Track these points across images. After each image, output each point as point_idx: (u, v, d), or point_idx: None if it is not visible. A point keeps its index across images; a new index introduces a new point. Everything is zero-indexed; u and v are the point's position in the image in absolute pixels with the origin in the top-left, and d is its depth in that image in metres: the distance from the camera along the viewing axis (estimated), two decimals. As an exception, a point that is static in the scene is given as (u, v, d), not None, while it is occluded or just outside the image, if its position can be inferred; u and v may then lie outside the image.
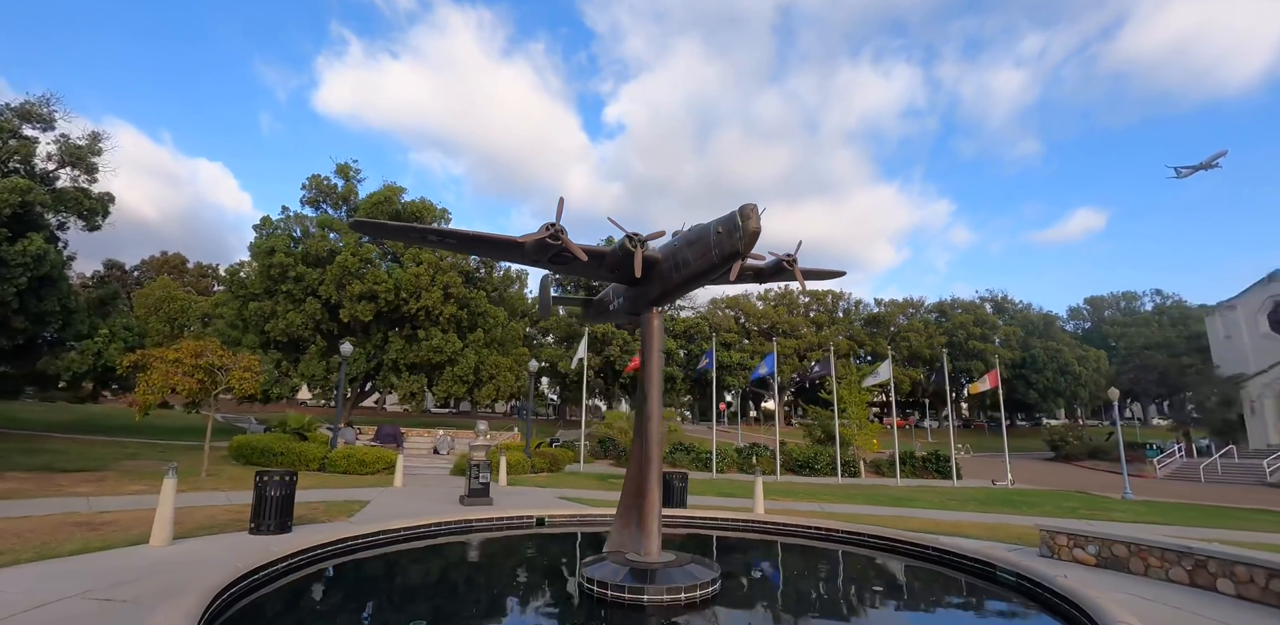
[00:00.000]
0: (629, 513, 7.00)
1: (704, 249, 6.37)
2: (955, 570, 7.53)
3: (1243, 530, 14.85)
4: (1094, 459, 37.11)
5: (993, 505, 19.03)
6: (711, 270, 6.54)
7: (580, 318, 12.10)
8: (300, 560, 6.33)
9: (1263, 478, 27.74)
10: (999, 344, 67.34)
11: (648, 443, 6.90)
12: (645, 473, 6.86)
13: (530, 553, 8.81)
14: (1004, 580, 6.89)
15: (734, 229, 6.05)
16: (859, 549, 8.80)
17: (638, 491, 6.90)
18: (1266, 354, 36.83)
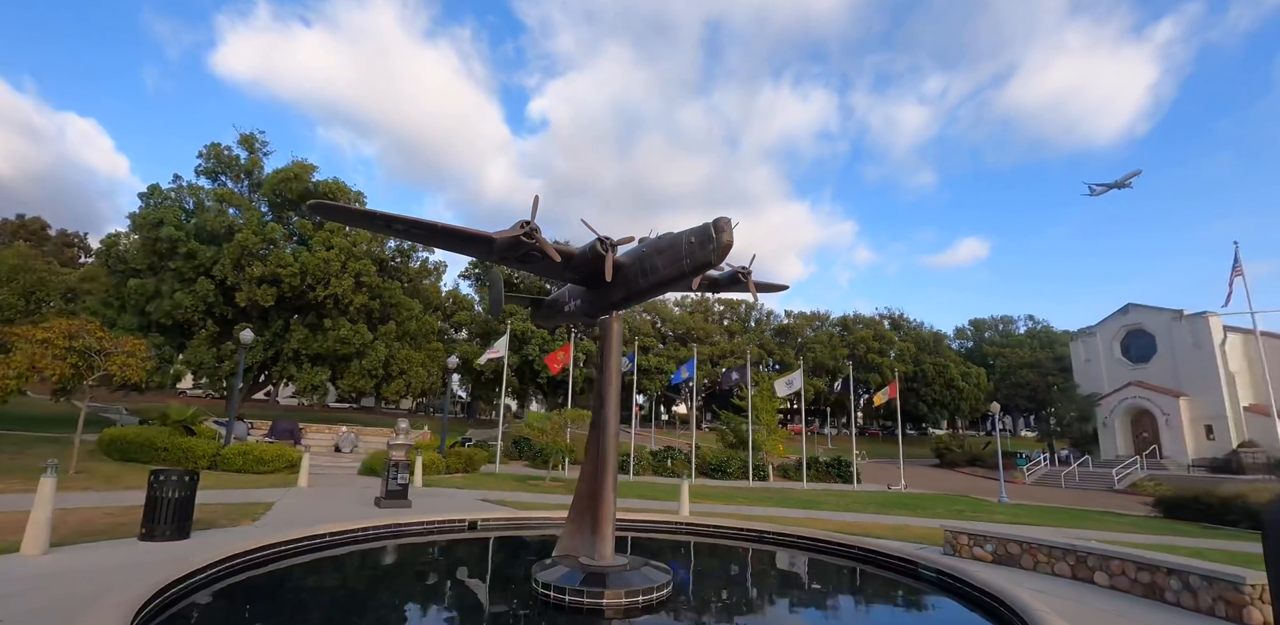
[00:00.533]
0: (582, 516, 6.88)
1: (675, 257, 6.43)
2: (881, 568, 7.97)
3: (1099, 530, 16.74)
4: (973, 466, 40.70)
5: (892, 508, 20.34)
6: (680, 278, 6.64)
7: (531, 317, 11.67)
8: (221, 570, 5.73)
9: (1111, 484, 31.53)
10: (894, 358, 72.29)
11: (604, 447, 6.82)
12: (601, 477, 6.77)
13: (471, 558, 8.45)
14: (925, 576, 7.39)
15: (707, 240, 6.17)
16: (792, 550, 9.12)
17: (592, 495, 6.80)
18: (1118, 376, 42.03)
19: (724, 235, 6.11)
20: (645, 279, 6.77)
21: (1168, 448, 36.40)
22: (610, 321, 7.34)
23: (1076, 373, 46.26)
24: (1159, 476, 31.16)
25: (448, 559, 8.19)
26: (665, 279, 6.66)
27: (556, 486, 20.38)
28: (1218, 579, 7.17)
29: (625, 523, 10.67)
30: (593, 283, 7.31)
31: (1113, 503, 26.51)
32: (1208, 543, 15.10)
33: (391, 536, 8.44)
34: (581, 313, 7.98)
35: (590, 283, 7.35)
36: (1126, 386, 40.34)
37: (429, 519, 9.24)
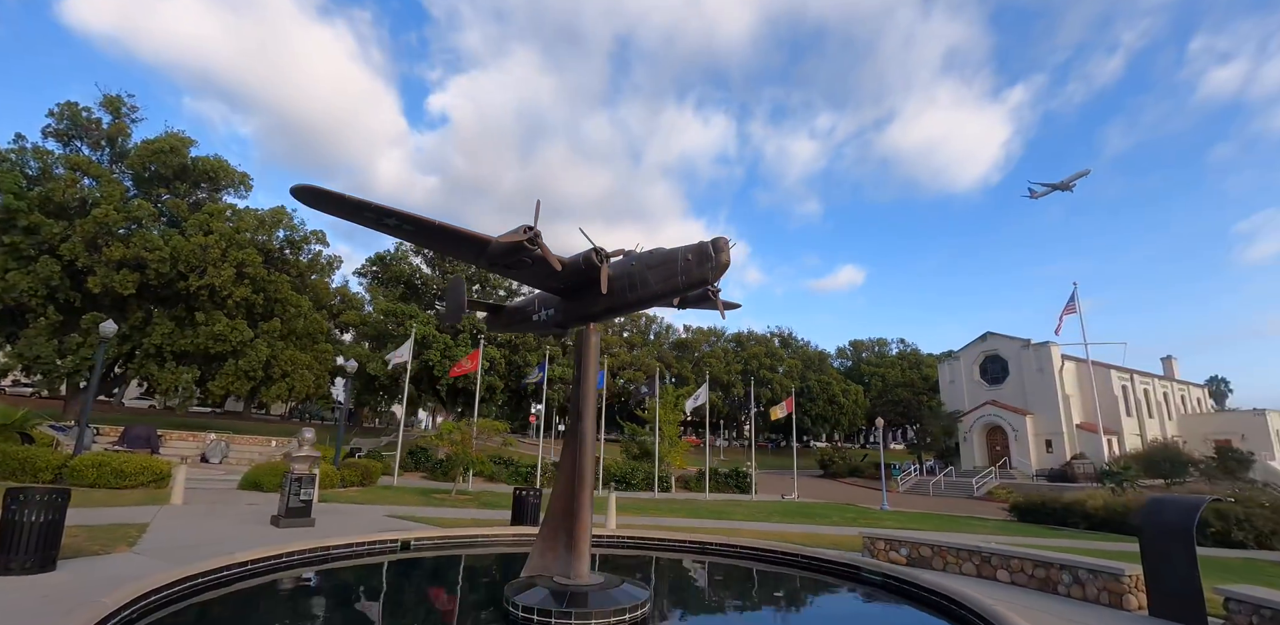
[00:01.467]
0: (556, 534, 6.58)
1: (669, 273, 6.41)
2: (828, 574, 8.29)
3: (970, 532, 18.47)
4: (853, 476, 43.70)
5: (794, 516, 21.27)
6: (672, 294, 6.65)
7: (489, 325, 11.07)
8: (134, 612, 4.83)
9: (971, 492, 35.14)
10: (783, 374, 76.30)
11: (581, 463, 6.61)
12: (579, 493, 6.53)
13: (420, 581, 7.78)
14: (869, 579, 7.79)
15: (706, 259, 6.21)
16: (740, 560, 9.25)
17: (568, 512, 6.52)
18: (977, 396, 47.18)
19: (723, 255, 6.19)
20: (634, 293, 6.69)
21: (1016, 459, 41.27)
22: (588, 334, 7.17)
23: (943, 392, 51.26)
24: (1010, 485, 35.18)
25: (395, 583, 7.49)
26: (656, 294, 6.64)
27: (465, 500, 19.35)
28: (1101, 572, 8.16)
29: (513, 537, 10.37)
30: (574, 293, 7.10)
31: (974, 508, 29.48)
32: (1057, 542, 17.12)
33: (319, 561, 7.59)
34: (553, 323, 7.72)
35: (571, 293, 7.13)
36: (984, 405, 45.34)
37: (357, 540, 8.42)
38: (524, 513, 13.12)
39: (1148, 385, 47.63)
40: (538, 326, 8.08)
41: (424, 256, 44.45)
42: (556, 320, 7.63)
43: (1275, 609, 6.43)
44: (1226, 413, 46.94)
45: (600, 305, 7.00)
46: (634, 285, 6.71)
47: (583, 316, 7.30)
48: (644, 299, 6.81)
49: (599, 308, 7.04)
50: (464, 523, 13.09)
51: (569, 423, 7.20)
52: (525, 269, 6.50)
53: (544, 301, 7.83)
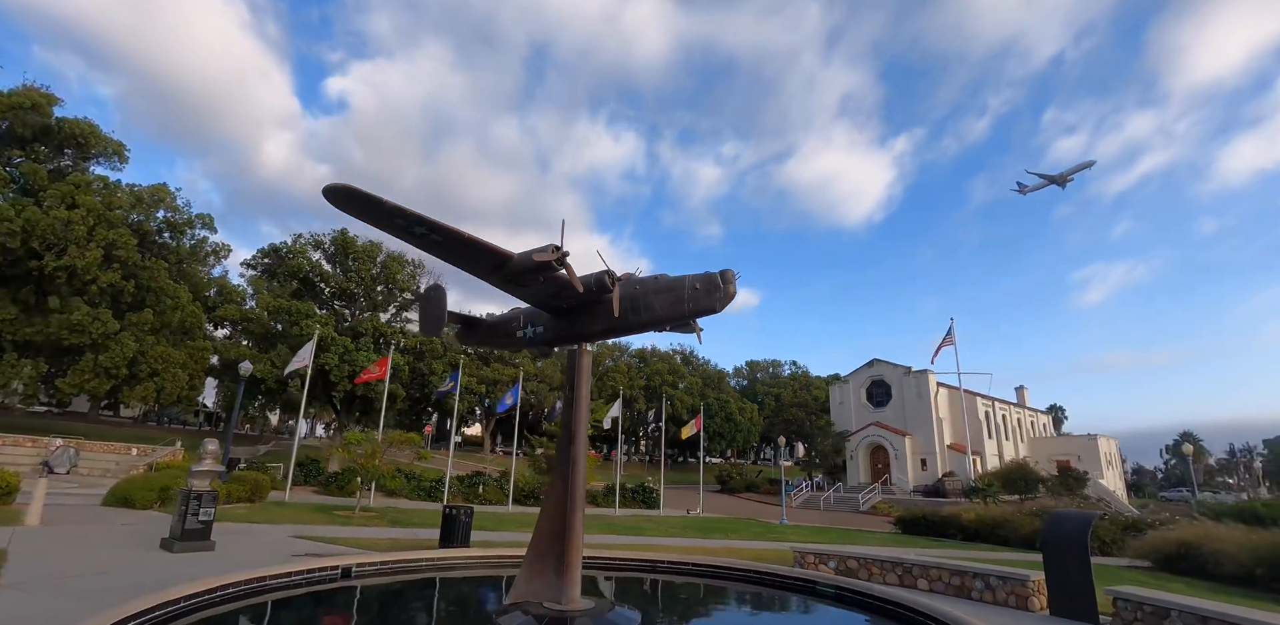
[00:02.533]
0: (545, 558, 6.38)
1: (675, 299, 6.53)
2: (785, 589, 8.60)
3: (866, 545, 19.75)
4: (750, 492, 45.42)
5: (706, 532, 21.74)
6: (675, 319, 6.77)
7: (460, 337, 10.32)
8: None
9: (858, 507, 37.65)
10: (683, 390, 78.11)
11: (574, 485, 6.48)
12: (571, 515, 6.38)
13: (388, 613, 7.17)
14: (824, 592, 8.19)
15: (714, 289, 6.40)
16: (697, 578, 9.36)
17: (558, 535, 6.35)
18: (863, 417, 50.88)
19: (730, 286, 6.40)
20: (636, 316, 6.73)
21: (895, 476, 44.80)
22: (580, 354, 7.07)
23: (833, 413, 54.75)
24: (890, 500, 38.08)
25: (363, 617, 6.86)
26: (660, 318, 6.73)
27: (371, 518, 18.04)
28: (1010, 578, 9.17)
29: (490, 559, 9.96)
30: (571, 313, 6.99)
31: (862, 522, 31.58)
32: (941, 551, 18.67)
33: (256, 593, 6.84)
34: (540, 341, 7.53)
35: (568, 312, 7.01)
36: (869, 426, 48.96)
37: (295, 568, 7.65)
38: (454, 533, 12.45)
39: (1005, 411, 53.70)
40: (521, 343, 7.84)
41: (324, 251, 41.27)
42: (545, 338, 7.47)
43: (1155, 605, 7.49)
44: (1065, 437, 53.86)
45: (600, 326, 6.97)
46: (637, 309, 6.75)
47: (576, 336, 7.22)
48: (646, 323, 6.87)
49: (598, 328, 7.02)
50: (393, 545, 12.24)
51: (559, 444, 7.02)
52: (535, 286, 6.36)
53: (531, 318, 7.64)
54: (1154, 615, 7.47)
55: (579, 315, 7.06)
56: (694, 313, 6.69)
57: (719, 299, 6.44)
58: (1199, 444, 51.04)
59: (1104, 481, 43.10)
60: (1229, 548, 14.66)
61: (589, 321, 7.02)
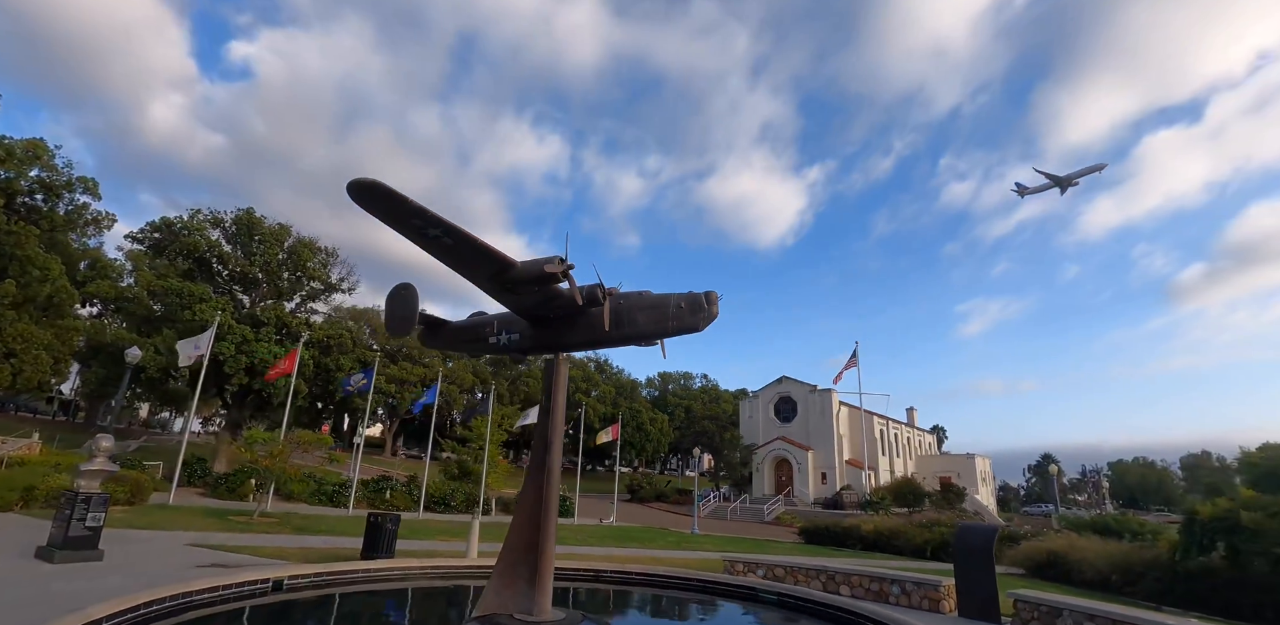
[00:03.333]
0: (515, 569, 6.28)
1: (660, 317, 6.71)
2: (728, 597, 8.91)
3: (776, 554, 20.55)
4: (660, 501, 46.01)
5: (624, 540, 21.89)
6: (657, 336, 6.95)
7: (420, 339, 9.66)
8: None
9: (762, 517, 39.15)
10: (595, 398, 78.08)
11: (548, 494, 6.44)
12: (544, 525, 6.34)
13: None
14: (767, 599, 8.57)
15: (698, 309, 6.64)
16: (643, 587, 9.47)
17: (531, 546, 6.28)
18: (770, 432, 53.09)
19: (714, 307, 6.66)
20: (620, 330, 6.81)
21: (798, 489, 47.00)
22: (558, 364, 7.07)
23: (742, 426, 56.73)
24: (793, 511, 39.91)
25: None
26: (643, 334, 6.86)
27: (273, 524, 16.75)
28: (923, 584, 10.00)
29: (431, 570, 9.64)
30: (554, 323, 6.97)
31: (769, 532, 32.88)
32: (845, 560, 19.85)
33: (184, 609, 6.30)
34: (514, 348, 7.43)
35: (550, 323, 6.99)
36: (775, 440, 51.14)
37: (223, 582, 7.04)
38: (379, 542, 11.78)
39: (897, 430, 57.86)
40: (492, 349, 7.71)
41: (225, 230, 37.89)
42: (521, 346, 7.39)
43: (1049, 605, 8.46)
44: (947, 456, 58.78)
45: (582, 338, 7.00)
46: (621, 323, 6.84)
47: (555, 346, 7.21)
48: (629, 337, 6.98)
49: (579, 340, 7.05)
50: (310, 555, 11.48)
51: (534, 453, 6.93)
52: (528, 295, 6.33)
53: (506, 324, 7.52)
54: (1048, 614, 8.42)
55: (561, 325, 7.06)
56: (676, 330, 6.87)
57: (703, 319, 6.66)
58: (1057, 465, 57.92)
59: (979, 497, 47.45)
60: (1089, 556, 16.60)
61: (571, 332, 7.03)
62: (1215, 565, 13.66)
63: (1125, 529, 21.26)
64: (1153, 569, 14.72)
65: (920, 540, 22.93)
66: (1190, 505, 15.65)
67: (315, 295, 41.54)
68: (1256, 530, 12.57)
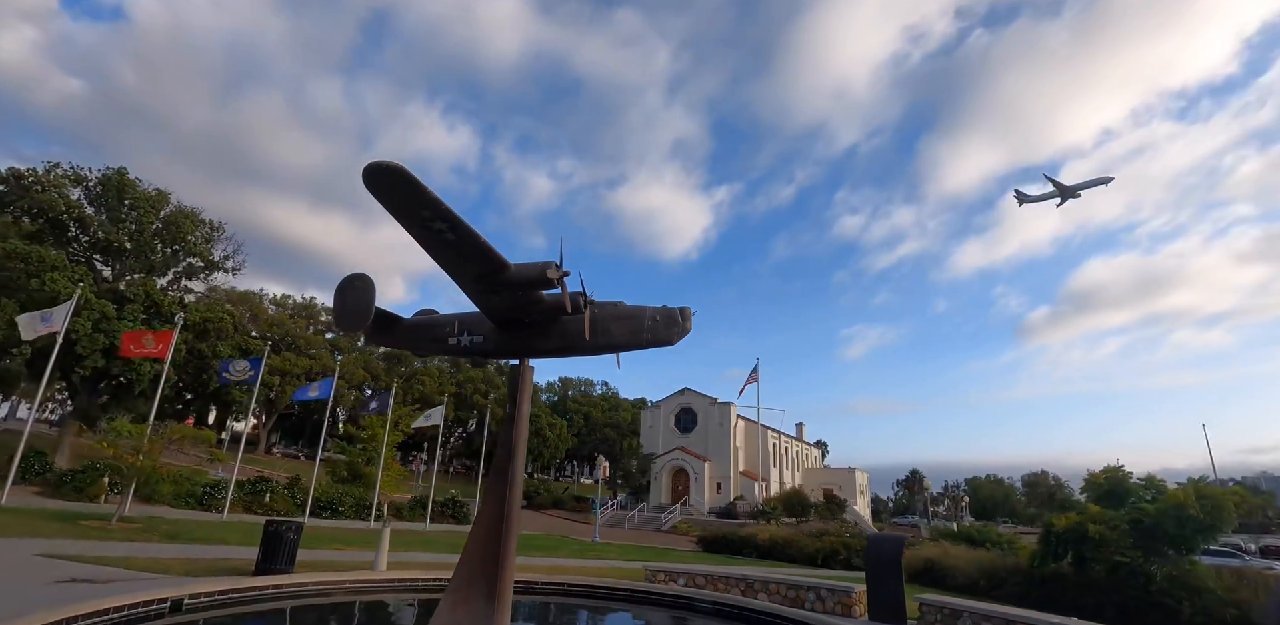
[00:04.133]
0: (473, 583, 6.07)
1: (635, 328, 6.78)
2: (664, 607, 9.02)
3: (680, 562, 20.74)
4: (556, 508, 45.39)
5: (529, 549, 21.46)
6: (630, 347, 7.02)
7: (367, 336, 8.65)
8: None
9: (660, 526, 39.68)
10: (493, 401, 76.07)
11: (511, 505, 6.27)
12: (506, 536, 6.19)
13: None
14: (702, 608, 8.76)
15: (673, 323, 6.79)
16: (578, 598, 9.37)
17: (492, 559, 6.10)
18: (670, 442, 54.12)
19: (688, 323, 6.83)
20: (594, 340, 6.79)
21: (694, 498, 48.14)
22: (524, 369, 6.94)
23: (642, 435, 57.41)
24: (689, 520, 40.81)
25: None
26: (617, 345, 6.88)
27: (139, 531, 14.89)
28: (837, 590, 10.69)
29: (351, 585, 9.05)
30: (524, 328, 6.82)
31: (667, 540, 33.38)
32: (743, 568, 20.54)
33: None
34: (476, 351, 7.16)
35: (520, 327, 6.82)
36: (674, 450, 52.19)
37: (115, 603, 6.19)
38: (279, 552, 10.71)
39: (788, 444, 60.97)
40: (450, 351, 7.40)
41: (88, 190, 33.20)
42: (484, 349, 7.16)
43: (951, 608, 9.30)
44: (830, 469, 62.68)
45: (552, 344, 6.91)
46: (595, 332, 6.81)
47: (523, 351, 7.06)
48: (603, 347, 6.95)
49: (550, 347, 6.94)
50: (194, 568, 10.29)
51: (497, 461, 6.69)
52: (510, 299, 6.17)
53: (469, 325, 7.23)
54: (950, 616, 9.24)
55: (532, 331, 6.90)
56: (650, 343, 6.93)
57: (676, 333, 6.78)
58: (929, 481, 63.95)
59: (858, 508, 50.99)
60: (960, 564, 18.33)
61: (541, 338, 6.91)
62: (1064, 571, 15.55)
63: (987, 539, 23.69)
64: (1014, 574, 16.51)
65: (812, 549, 24.21)
66: (1048, 519, 17.70)
67: (193, 272, 37.45)
68: (1100, 540, 14.48)
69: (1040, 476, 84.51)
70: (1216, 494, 14.38)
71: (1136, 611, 12.97)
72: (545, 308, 6.46)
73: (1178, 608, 12.36)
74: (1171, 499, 14.20)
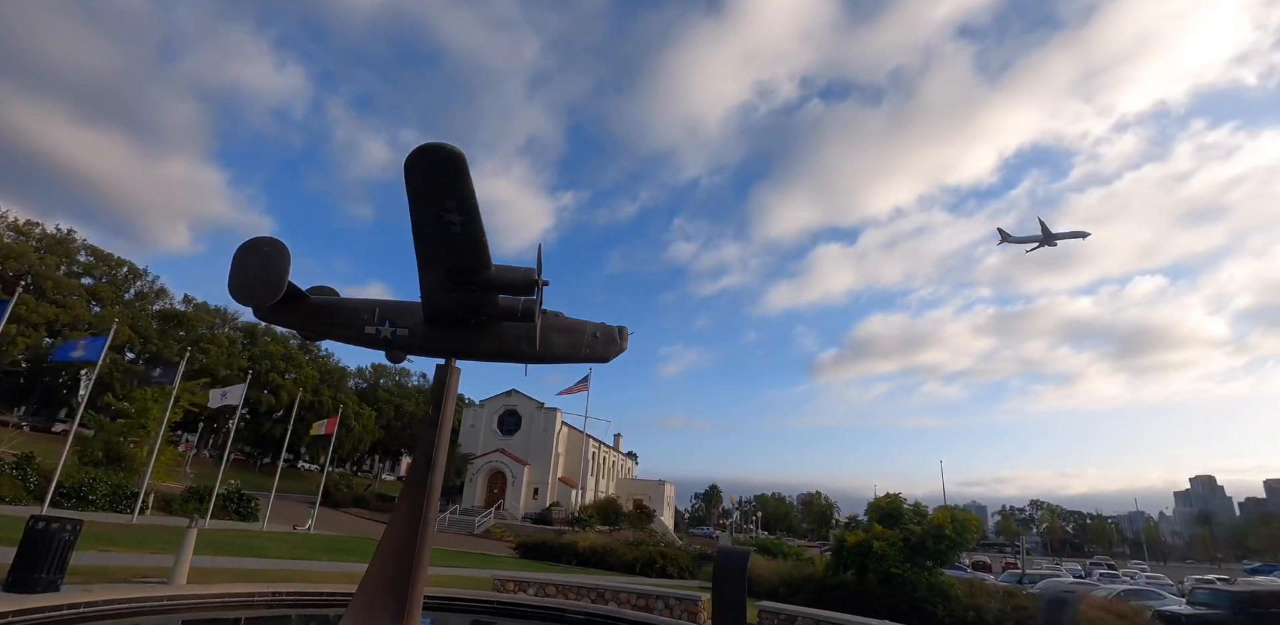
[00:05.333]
0: (382, 602, 5.75)
1: (575, 343, 7.00)
2: (536, 619, 9.00)
3: (502, 569, 20.41)
4: (358, 506, 41.70)
5: (343, 554, 19.59)
6: (567, 360, 7.22)
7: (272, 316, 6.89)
8: None
9: (473, 530, 38.27)
10: (292, 381, 68.16)
11: (426, 518, 6.01)
12: (419, 551, 5.97)
13: None
14: (574, 619, 8.93)
15: (611, 342, 7.13)
16: (445, 612, 8.97)
17: (403, 578, 5.81)
18: (491, 443, 52.65)
19: (625, 342, 7.19)
20: (532, 348, 6.79)
21: (509, 502, 47.20)
22: (450, 370, 6.71)
23: (462, 434, 55.23)
24: (503, 524, 40.02)
25: None
26: (555, 356, 7.01)
27: None
28: (685, 599, 11.53)
29: (99, 608, 7.47)
30: (460, 327, 6.59)
31: (482, 546, 32.41)
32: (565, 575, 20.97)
33: None
34: (398, 344, 6.70)
35: (455, 326, 6.57)
36: (494, 452, 50.93)
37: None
38: (46, 560, 7.97)
39: (606, 453, 62.50)
40: (365, 341, 6.79)
41: None
42: (408, 344, 6.72)
43: (786, 614, 10.52)
44: (641, 480, 65.24)
45: (488, 347, 6.77)
46: (533, 341, 6.82)
47: (452, 351, 6.79)
48: (540, 356, 6.96)
49: (484, 349, 6.79)
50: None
51: (413, 471, 6.29)
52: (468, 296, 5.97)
53: (392, 314, 6.72)
54: (786, 621, 10.43)
55: (466, 331, 6.65)
56: (588, 358, 7.10)
57: (614, 351, 7.06)
58: (735, 496, 70.18)
59: (664, 518, 53.81)
60: (764, 573, 20.44)
61: (478, 339, 6.72)
62: (848, 581, 18.13)
63: (780, 551, 26.61)
64: (808, 582, 18.83)
65: (630, 557, 25.21)
66: (840, 535, 20.47)
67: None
68: (881, 554, 17.14)
69: (814, 496, 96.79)
70: (965, 518, 17.85)
71: (904, 614, 15.58)
72: (498, 310, 6.31)
73: (934, 611, 15.10)
74: (935, 520, 17.31)
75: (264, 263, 6.08)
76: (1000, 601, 14.67)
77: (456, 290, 5.78)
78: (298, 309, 6.65)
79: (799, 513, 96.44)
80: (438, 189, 4.31)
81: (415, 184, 4.21)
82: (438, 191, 4.35)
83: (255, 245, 6.11)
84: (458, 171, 4.13)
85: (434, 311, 6.43)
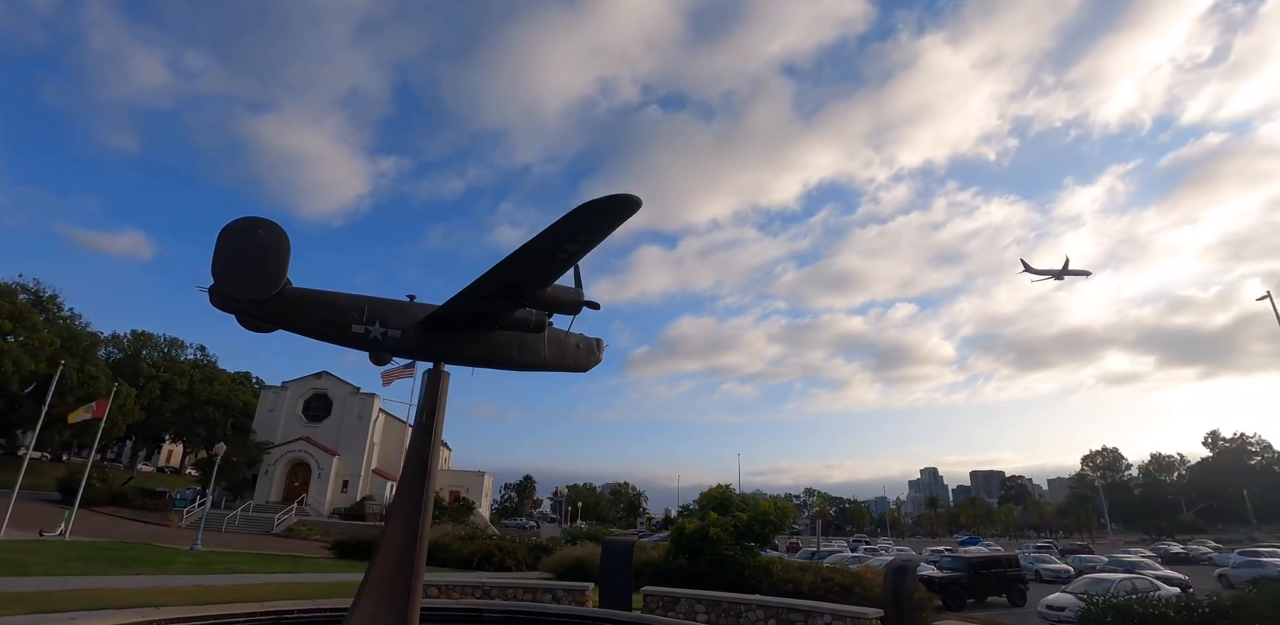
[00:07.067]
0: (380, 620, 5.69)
1: (560, 353, 7.61)
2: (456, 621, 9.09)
3: (322, 572, 19.53)
4: (116, 505, 34.78)
5: (123, 564, 16.87)
6: (550, 369, 7.71)
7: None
8: None
9: (271, 529, 34.05)
10: (20, 345, 54.50)
11: (421, 531, 6.15)
12: (416, 569, 6.13)
13: None
14: (492, 618, 9.27)
15: (590, 354, 7.87)
16: None
17: (401, 593, 6.02)
18: (293, 430, 46.83)
19: (601, 354, 7.92)
20: (521, 355, 7.20)
21: (314, 497, 42.58)
22: (440, 376, 6.87)
23: (258, 420, 48.68)
24: (308, 522, 36.26)
25: None
26: (540, 364, 7.49)
27: None
28: (571, 589, 12.34)
29: None
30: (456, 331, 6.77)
31: (288, 546, 29.22)
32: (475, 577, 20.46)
33: None
34: (388, 347, 6.61)
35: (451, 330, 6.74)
36: (298, 440, 45.61)
37: None
38: None
39: (423, 442, 59.19)
40: (352, 341, 6.60)
41: None
42: (400, 346, 6.71)
43: (670, 596, 11.76)
44: (459, 471, 62.87)
45: (478, 352, 7.02)
46: (524, 348, 7.24)
47: (443, 355, 6.94)
48: (526, 365, 7.36)
49: (474, 354, 7.03)
50: None
51: (405, 481, 6.27)
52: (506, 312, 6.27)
53: (383, 314, 6.61)
54: (669, 602, 11.68)
55: (459, 335, 6.79)
56: (570, 368, 7.64)
57: (592, 362, 7.74)
58: (534, 485, 70.61)
59: (482, 510, 52.68)
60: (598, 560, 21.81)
61: (470, 344, 6.90)
62: (682, 564, 20.17)
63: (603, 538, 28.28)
64: (648, 567, 20.54)
65: (465, 552, 24.82)
66: (679, 523, 22.51)
67: None
68: (716, 539, 19.39)
69: (622, 486, 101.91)
70: (785, 506, 20.92)
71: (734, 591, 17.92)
72: (513, 320, 6.57)
73: (759, 587, 17.59)
74: (762, 507, 20.04)
75: (260, 249, 5.56)
76: (813, 575, 17.57)
77: (498, 301, 5.91)
78: (272, 302, 6.09)
79: (608, 502, 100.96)
80: (594, 226, 4.54)
81: (583, 218, 4.33)
82: (591, 228, 4.59)
83: (247, 228, 5.53)
84: (621, 218, 4.47)
85: (449, 316, 6.42)
